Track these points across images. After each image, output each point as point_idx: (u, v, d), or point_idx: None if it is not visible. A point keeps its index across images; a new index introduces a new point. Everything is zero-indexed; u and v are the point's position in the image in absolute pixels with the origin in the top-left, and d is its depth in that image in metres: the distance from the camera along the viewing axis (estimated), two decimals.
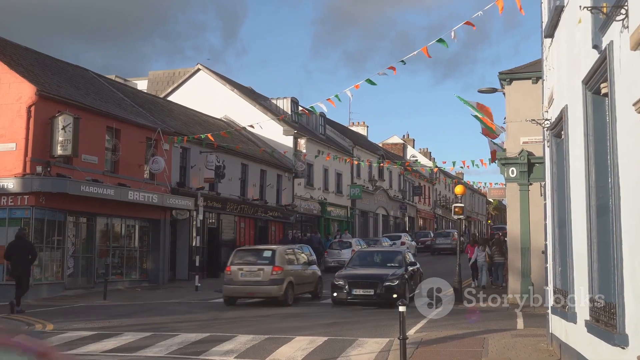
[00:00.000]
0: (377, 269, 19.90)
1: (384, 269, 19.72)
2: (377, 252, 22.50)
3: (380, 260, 21.15)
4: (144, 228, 27.88)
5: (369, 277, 19.04)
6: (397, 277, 18.83)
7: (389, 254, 22.12)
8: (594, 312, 7.63)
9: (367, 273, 19.50)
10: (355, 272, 19.70)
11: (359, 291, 18.51)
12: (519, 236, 20.04)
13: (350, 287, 18.52)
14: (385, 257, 21.44)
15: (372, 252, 22.74)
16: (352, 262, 21.42)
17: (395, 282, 18.54)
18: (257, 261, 19.84)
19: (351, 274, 19.47)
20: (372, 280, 18.73)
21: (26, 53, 25.61)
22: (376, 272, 19.48)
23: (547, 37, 10.97)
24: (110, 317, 16.61)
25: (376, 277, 18.87)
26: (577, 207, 8.67)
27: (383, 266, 20.26)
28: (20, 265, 17.92)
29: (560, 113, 9.60)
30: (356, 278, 18.99)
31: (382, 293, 18.26)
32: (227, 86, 42.84)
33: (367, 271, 19.76)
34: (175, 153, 29.37)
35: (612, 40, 6.49)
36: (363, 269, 20.08)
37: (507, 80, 20.39)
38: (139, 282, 26.93)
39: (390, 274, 18.97)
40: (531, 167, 19.76)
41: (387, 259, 21.01)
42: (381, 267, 20.22)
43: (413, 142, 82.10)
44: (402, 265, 20.02)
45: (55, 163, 22.27)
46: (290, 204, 40.54)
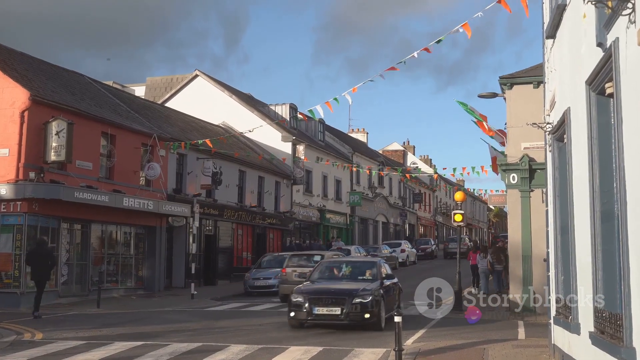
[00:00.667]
0: (346, 283, 16.55)
1: (355, 283, 16.29)
2: (346, 263, 18.55)
3: (350, 272, 17.57)
4: (139, 235, 27.54)
5: (335, 292, 15.56)
6: (370, 292, 15.27)
7: (361, 265, 18.31)
8: (599, 323, 7.27)
9: (333, 287, 16.09)
10: (318, 286, 16.34)
11: (323, 310, 14.96)
12: (520, 244, 19.71)
13: (312, 304, 14.99)
14: (357, 268, 17.79)
15: (340, 263, 18.71)
16: (315, 274, 17.66)
17: (368, 298, 15.03)
18: (308, 264, 23.21)
19: (313, 288, 15.99)
20: (338, 296, 15.23)
21: (21, 58, 25.34)
22: (344, 286, 16.10)
23: (548, 38, 10.64)
24: (102, 326, 16.24)
25: (344, 292, 15.41)
26: (581, 213, 8.32)
27: (353, 279, 16.88)
28: (40, 271, 18.68)
29: (563, 116, 9.27)
30: (319, 293, 15.49)
31: (352, 312, 14.83)
32: (226, 92, 42.60)
33: (333, 285, 16.40)
34: (172, 159, 29.07)
35: (617, 37, 6.16)
36: (329, 283, 16.75)
37: (507, 85, 20.08)
38: (134, 290, 26.57)
39: (362, 288, 15.45)
40: (532, 173, 19.45)
41: (358, 271, 17.46)
42: (351, 280, 16.83)
43: (413, 149, 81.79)
44: (377, 279, 16.58)
45: (49, 169, 21.95)
46: (289, 211, 40.21)
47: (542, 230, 18.09)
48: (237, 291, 27.34)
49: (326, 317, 15.09)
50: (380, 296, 15.54)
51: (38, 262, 18.65)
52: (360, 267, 17.74)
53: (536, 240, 18.85)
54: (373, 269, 17.15)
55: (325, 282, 16.81)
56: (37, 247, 19.37)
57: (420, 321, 16.61)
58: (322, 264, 18.61)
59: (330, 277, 17.48)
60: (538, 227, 18.74)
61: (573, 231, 8.91)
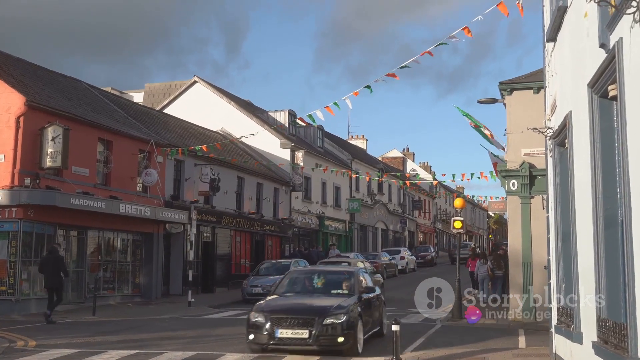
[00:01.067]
0: (317, 298, 13.69)
1: (327, 299, 13.48)
2: (319, 274, 15.26)
3: (324, 284, 14.59)
4: (136, 242, 27.30)
5: (303, 310, 12.77)
6: (345, 310, 12.54)
7: (336, 276, 15.16)
8: (603, 332, 7.07)
9: (300, 304, 13.27)
10: (283, 302, 13.61)
11: (287, 332, 12.31)
12: (520, 251, 19.51)
13: (274, 325, 12.31)
14: (331, 280, 14.74)
15: (312, 274, 15.45)
16: (282, 286, 14.68)
17: (342, 318, 12.28)
18: None
19: (277, 305, 13.28)
20: (306, 315, 12.45)
21: (17, 63, 25.18)
22: (315, 302, 13.34)
23: (549, 41, 10.48)
24: (97, 334, 16.00)
25: (313, 310, 12.67)
26: (583, 219, 8.13)
27: (326, 294, 14.02)
28: (52, 278, 18.93)
29: (564, 120, 9.09)
30: (283, 311, 12.75)
31: (322, 335, 12.18)
32: (224, 99, 42.45)
33: (301, 301, 13.55)
34: (169, 165, 28.87)
35: (621, 37, 5.98)
36: (296, 298, 13.88)
37: (507, 91, 19.91)
38: (131, 297, 26.32)
39: (335, 305, 12.72)
40: (533, 180, 19.27)
41: (332, 284, 14.52)
42: (323, 295, 13.98)
43: (413, 155, 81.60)
44: (354, 293, 13.78)
45: (45, 175, 21.75)
46: (288, 217, 39.98)
47: (542, 237, 17.91)
48: (235, 299, 27.10)
49: (291, 341, 12.33)
50: (358, 315, 12.88)
51: (49, 269, 18.92)
52: (335, 279, 14.77)
53: (536, 247, 18.68)
54: (350, 281, 14.33)
55: (293, 297, 13.93)
56: (49, 254, 19.72)
57: (419, 329, 16.40)
58: (290, 274, 15.50)
59: (300, 290, 14.47)
60: (538, 234, 18.56)
61: (575, 238, 8.72)
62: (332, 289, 14.20)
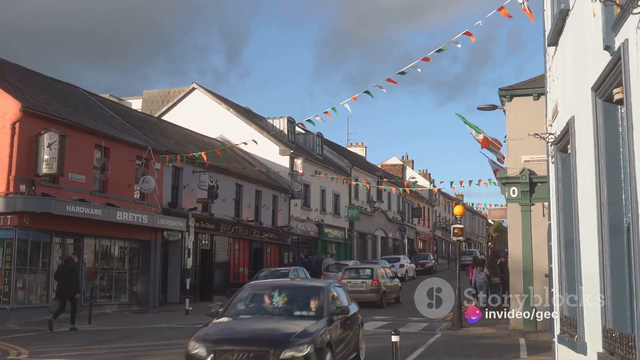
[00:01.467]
0: (276, 322, 10.51)
1: (289, 323, 10.44)
2: (280, 290, 11.81)
3: (285, 304, 11.28)
4: (134, 249, 27.08)
5: (256, 339, 9.82)
6: (310, 339, 9.73)
7: (302, 292, 11.91)
8: (609, 343, 6.84)
9: (253, 330, 10.14)
10: (231, 328, 10.51)
11: None
12: (521, 259, 19.30)
13: (217, 358, 9.49)
14: (295, 298, 11.50)
15: (271, 289, 11.90)
16: (232, 306, 11.32)
17: (305, 349, 9.53)
18: (361, 276, 27.04)
19: (223, 333, 10.29)
20: (258, 346, 9.61)
21: (14, 69, 25.00)
22: (272, 327, 10.27)
23: (550, 45, 10.28)
24: (91, 343, 15.76)
25: (269, 339, 9.79)
26: (587, 226, 7.92)
27: (288, 316, 10.87)
28: (65, 287, 19.12)
29: (567, 125, 8.89)
30: (230, 342, 9.80)
31: None
32: (223, 105, 42.30)
33: (254, 326, 10.36)
34: (167, 172, 28.67)
35: (627, 39, 5.78)
36: (249, 322, 10.58)
37: (507, 97, 19.75)
38: (128, 306, 26.08)
39: (298, 332, 9.87)
40: (533, 187, 19.10)
41: (296, 303, 11.31)
42: (285, 317, 10.80)
43: (412, 163, 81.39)
44: (322, 315, 10.69)
45: (40, 182, 21.55)
46: (287, 225, 39.76)
47: (543, 244, 17.76)
48: None
49: None
50: (326, 344, 10.05)
51: (64, 278, 19.18)
52: (301, 296, 11.52)
53: (537, 255, 18.52)
54: (319, 299, 11.13)
55: (245, 321, 10.64)
56: (65, 263, 20.09)
57: (418, 339, 16.17)
58: (245, 290, 11.95)
59: (255, 310, 11.20)
60: (539, 242, 18.40)
61: (578, 245, 8.50)
62: (296, 310, 11.03)
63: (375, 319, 21.22)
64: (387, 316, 22.33)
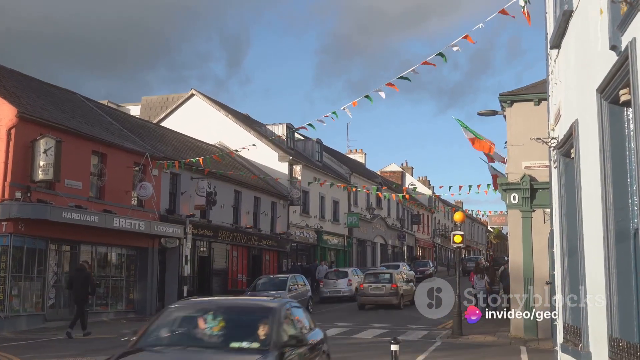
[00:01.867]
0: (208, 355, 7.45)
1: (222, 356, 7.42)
2: (215, 312, 8.23)
3: (223, 330, 7.92)
4: (130, 256, 26.82)
5: None
6: None
7: (244, 315, 8.48)
8: (615, 353, 6.62)
9: None
10: None
11: None
12: (521, 265, 19.08)
13: None
14: (234, 323, 8.11)
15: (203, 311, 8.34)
16: (149, 333, 7.98)
17: None
18: (381, 280, 28.54)
19: None
20: None
21: (10, 75, 24.82)
22: None
23: (552, 48, 10.10)
24: (85, 352, 15.51)
25: None
26: (591, 232, 7.70)
27: (222, 348, 7.61)
28: (78, 295, 19.29)
29: (570, 129, 8.68)
30: None
31: None
32: (222, 112, 42.13)
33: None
34: (165, 179, 28.45)
35: (634, 38, 5.59)
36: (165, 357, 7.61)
37: (508, 102, 19.57)
38: (125, 313, 25.82)
39: None
40: (534, 193, 18.91)
41: (236, 330, 7.98)
42: (215, 350, 7.54)
43: (412, 170, 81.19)
44: (269, 347, 7.44)
45: (36, 188, 21.33)
46: (286, 232, 39.52)
47: (544, 251, 17.56)
48: None
49: None
50: None
51: (76, 286, 19.29)
52: (242, 322, 8.22)
53: (538, 262, 18.34)
54: (266, 325, 7.86)
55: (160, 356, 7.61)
56: (77, 271, 20.15)
57: (418, 347, 15.93)
58: (169, 311, 8.67)
59: (179, 340, 8.06)
60: (540, 248, 18.21)
61: (582, 252, 8.28)
62: (234, 340, 7.72)
63: (374, 327, 20.99)
64: (386, 324, 22.05)
